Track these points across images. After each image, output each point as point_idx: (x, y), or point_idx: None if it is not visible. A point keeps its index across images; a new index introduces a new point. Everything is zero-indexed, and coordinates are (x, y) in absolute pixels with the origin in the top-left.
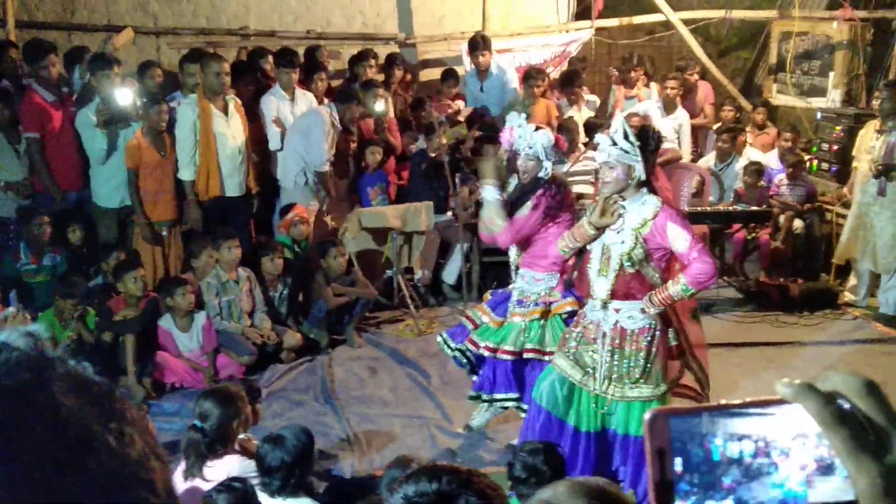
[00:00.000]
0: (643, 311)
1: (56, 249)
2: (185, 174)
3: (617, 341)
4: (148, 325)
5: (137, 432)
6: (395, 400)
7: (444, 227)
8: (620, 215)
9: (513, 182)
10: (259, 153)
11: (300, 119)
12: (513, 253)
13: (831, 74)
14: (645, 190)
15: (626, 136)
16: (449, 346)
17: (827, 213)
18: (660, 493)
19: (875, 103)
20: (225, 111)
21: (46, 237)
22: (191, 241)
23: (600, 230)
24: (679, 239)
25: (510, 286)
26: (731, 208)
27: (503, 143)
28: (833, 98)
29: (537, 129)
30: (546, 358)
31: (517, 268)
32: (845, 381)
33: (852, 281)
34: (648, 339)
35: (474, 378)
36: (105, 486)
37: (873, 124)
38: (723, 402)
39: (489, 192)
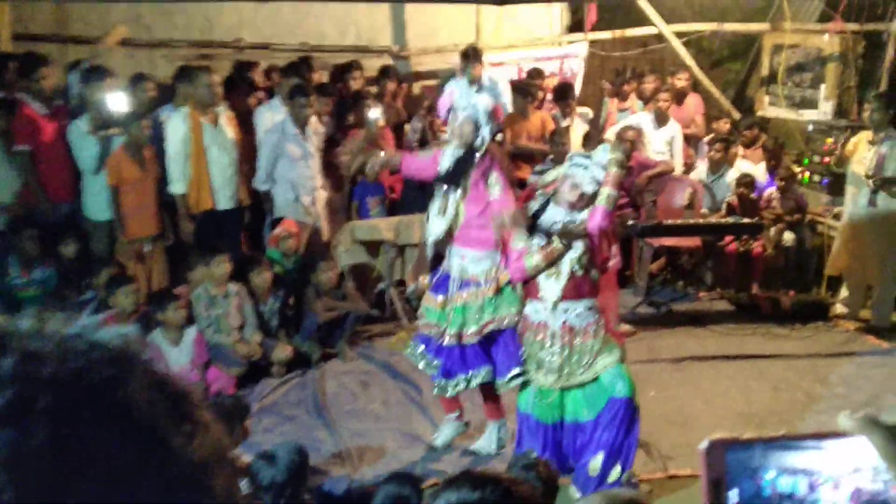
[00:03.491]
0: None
1: (47, 263)
2: (177, 188)
3: (567, 338)
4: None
5: (208, 435)
6: (388, 414)
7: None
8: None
9: (449, 151)
10: (251, 165)
11: None
12: (439, 227)
13: (823, 86)
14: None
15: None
16: (422, 358)
17: (818, 226)
18: None
19: (865, 115)
20: (216, 123)
21: (35, 251)
22: (179, 257)
23: (568, 246)
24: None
25: (444, 265)
26: (723, 220)
27: (440, 108)
28: (824, 110)
29: (478, 91)
30: (506, 322)
31: (447, 246)
32: None
33: (843, 293)
34: (595, 328)
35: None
36: (164, 488)
37: (865, 135)
38: (783, 433)
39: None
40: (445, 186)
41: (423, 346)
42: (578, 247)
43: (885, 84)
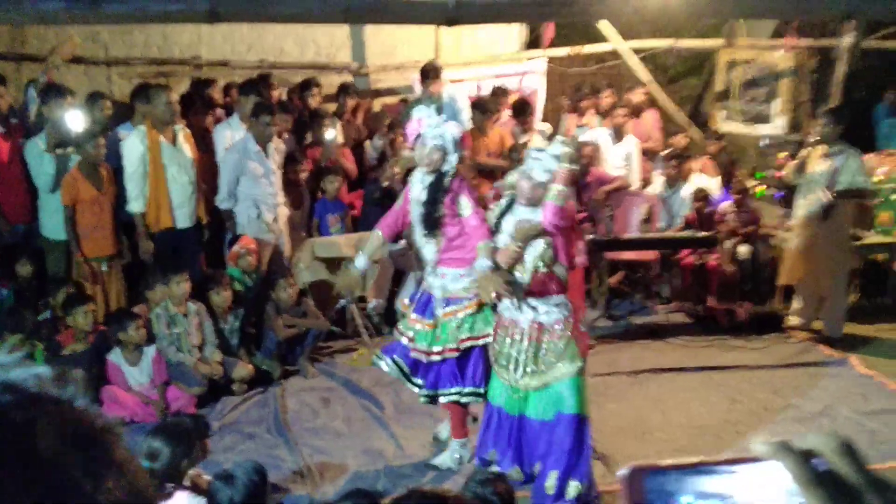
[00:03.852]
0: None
1: (3, 283)
2: (135, 206)
3: (534, 335)
4: (98, 360)
5: (121, 476)
6: (349, 431)
7: (397, 256)
8: (536, 232)
9: (417, 176)
10: (209, 183)
11: None
12: (430, 251)
13: (776, 101)
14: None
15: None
16: (384, 361)
17: (772, 239)
18: None
19: (816, 129)
20: (174, 141)
21: None
22: (136, 276)
23: (523, 246)
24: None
25: (424, 286)
26: (679, 234)
27: (409, 135)
28: (779, 125)
29: (447, 120)
30: (481, 342)
31: (434, 266)
32: (823, 440)
33: (796, 304)
34: (562, 326)
35: (414, 388)
36: None
37: (819, 150)
38: (699, 459)
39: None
40: (423, 211)
41: (409, 368)
42: (539, 244)
43: (837, 99)
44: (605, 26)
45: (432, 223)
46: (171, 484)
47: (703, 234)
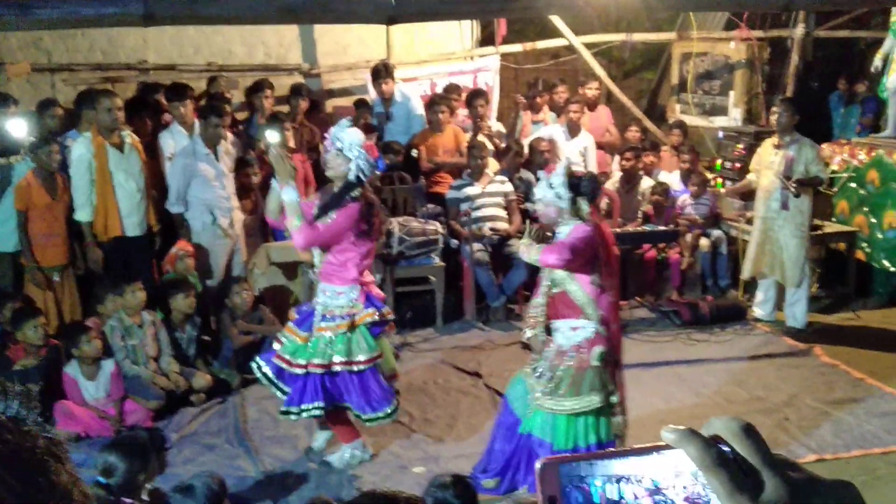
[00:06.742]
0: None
1: None
2: (82, 215)
3: (553, 359)
4: (49, 374)
5: (64, 501)
6: (310, 438)
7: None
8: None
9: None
10: (159, 190)
11: None
12: (317, 259)
13: (731, 93)
14: (576, 219)
15: (562, 184)
16: (262, 372)
17: (732, 230)
18: None
19: (772, 118)
20: (121, 148)
21: None
22: (90, 286)
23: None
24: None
25: (314, 301)
26: (639, 229)
27: (326, 143)
28: (734, 116)
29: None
30: (355, 368)
31: (318, 281)
32: (725, 425)
33: (759, 296)
34: (573, 355)
35: (278, 393)
36: None
37: (771, 140)
38: (609, 450)
39: (288, 194)
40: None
41: (273, 374)
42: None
43: (791, 89)
44: (557, 21)
45: None
46: (128, 500)
47: (665, 228)
